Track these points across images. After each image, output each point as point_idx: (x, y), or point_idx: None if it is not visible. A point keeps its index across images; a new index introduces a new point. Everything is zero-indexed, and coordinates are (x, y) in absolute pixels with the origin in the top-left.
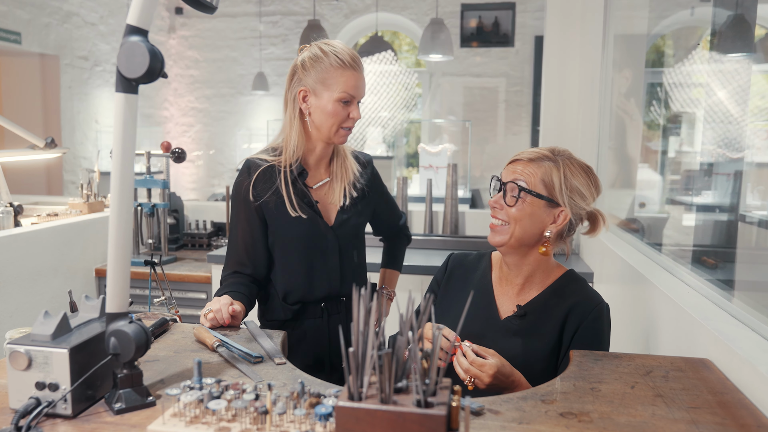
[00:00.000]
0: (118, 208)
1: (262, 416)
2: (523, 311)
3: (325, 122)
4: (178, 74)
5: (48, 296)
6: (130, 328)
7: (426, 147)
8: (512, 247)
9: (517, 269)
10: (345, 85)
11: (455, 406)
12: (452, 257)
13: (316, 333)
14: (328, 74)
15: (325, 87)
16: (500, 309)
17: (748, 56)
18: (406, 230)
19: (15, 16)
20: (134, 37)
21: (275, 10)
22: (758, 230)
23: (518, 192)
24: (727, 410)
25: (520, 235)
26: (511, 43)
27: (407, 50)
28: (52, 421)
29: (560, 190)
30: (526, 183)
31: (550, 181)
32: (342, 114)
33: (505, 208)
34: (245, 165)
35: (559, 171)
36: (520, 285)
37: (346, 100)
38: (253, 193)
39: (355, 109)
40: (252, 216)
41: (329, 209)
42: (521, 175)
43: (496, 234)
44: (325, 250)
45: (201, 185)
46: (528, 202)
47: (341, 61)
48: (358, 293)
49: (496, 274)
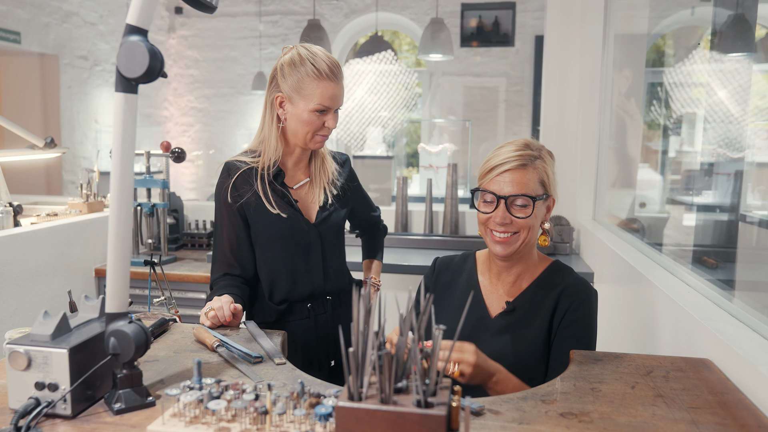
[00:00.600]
0: (117, 208)
1: (262, 416)
2: (513, 306)
3: (301, 130)
4: (178, 74)
5: (47, 296)
6: (130, 328)
7: (426, 147)
8: (519, 252)
9: (509, 270)
10: (321, 97)
11: (455, 407)
12: (438, 261)
13: (304, 333)
14: (304, 84)
15: (300, 96)
16: (490, 308)
17: (748, 56)
18: (381, 222)
19: (14, 15)
20: (134, 36)
21: (275, 9)
22: (759, 230)
23: (532, 204)
24: (728, 410)
25: (529, 240)
26: (512, 43)
27: (407, 50)
28: (52, 421)
29: (551, 182)
30: (531, 191)
31: (545, 179)
32: (317, 123)
33: (515, 220)
34: (225, 167)
35: (547, 166)
36: (511, 282)
37: (322, 110)
38: (233, 195)
39: (332, 119)
40: (235, 217)
41: (310, 208)
42: (523, 184)
43: (507, 246)
44: (308, 247)
45: (201, 185)
46: (536, 207)
47: (317, 71)
48: (358, 293)
49: (484, 274)
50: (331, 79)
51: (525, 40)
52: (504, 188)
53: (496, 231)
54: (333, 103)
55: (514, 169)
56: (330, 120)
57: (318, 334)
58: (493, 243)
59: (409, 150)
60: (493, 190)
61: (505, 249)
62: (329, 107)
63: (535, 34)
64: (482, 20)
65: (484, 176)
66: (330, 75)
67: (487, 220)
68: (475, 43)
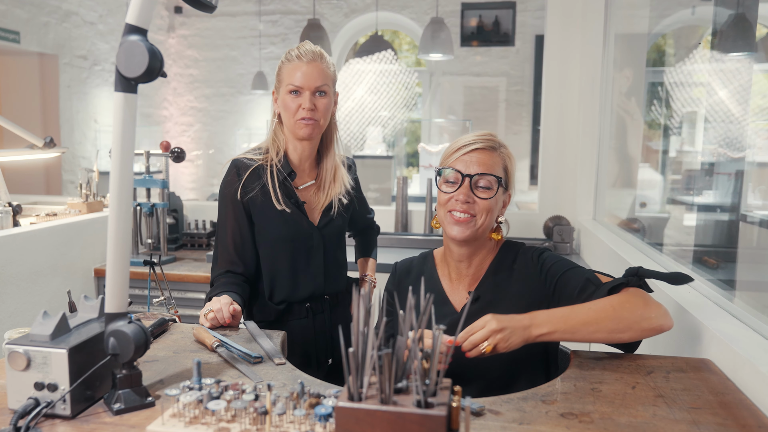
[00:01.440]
0: (117, 208)
1: (262, 417)
2: (476, 295)
3: (285, 116)
4: (178, 73)
5: (47, 296)
6: (130, 328)
7: (426, 146)
8: (474, 239)
9: (467, 261)
10: (290, 77)
11: (455, 407)
12: (398, 265)
13: (303, 332)
14: (281, 70)
15: (279, 83)
16: (454, 303)
17: (749, 55)
18: (374, 223)
19: (14, 15)
20: (133, 36)
21: (275, 9)
22: (759, 230)
23: (497, 184)
24: (729, 411)
25: (486, 225)
26: (512, 43)
27: (407, 49)
28: (51, 421)
29: (511, 176)
30: (496, 172)
31: (508, 167)
32: (292, 106)
33: (477, 201)
34: (233, 164)
35: (510, 157)
36: (471, 275)
37: (294, 91)
38: (242, 192)
39: (306, 100)
40: (240, 214)
41: (314, 210)
42: (489, 165)
43: (464, 228)
44: (310, 249)
45: (200, 185)
46: (497, 192)
47: (290, 55)
48: (358, 293)
49: (443, 271)
50: (300, 59)
51: (525, 40)
52: (470, 167)
53: (456, 210)
54: (303, 82)
55: (481, 149)
56: (305, 101)
57: (316, 334)
58: (451, 224)
59: (409, 150)
60: (459, 168)
61: (462, 231)
62: (300, 87)
63: (535, 33)
64: (482, 20)
65: (448, 156)
66: (300, 56)
67: (448, 200)
68: (476, 43)
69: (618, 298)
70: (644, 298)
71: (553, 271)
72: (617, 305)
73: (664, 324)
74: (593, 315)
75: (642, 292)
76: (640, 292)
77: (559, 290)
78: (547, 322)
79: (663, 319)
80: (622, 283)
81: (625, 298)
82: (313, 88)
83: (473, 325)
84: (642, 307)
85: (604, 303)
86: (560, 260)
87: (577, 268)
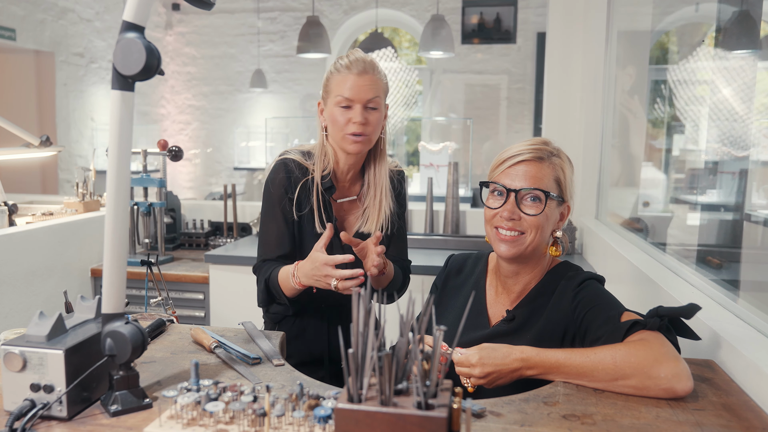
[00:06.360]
0: (114, 207)
1: (261, 418)
2: (512, 315)
3: (333, 130)
4: (175, 71)
5: (43, 297)
6: (127, 329)
7: (427, 145)
8: (524, 256)
9: (515, 277)
10: (339, 88)
11: (456, 408)
12: (451, 259)
13: (316, 329)
14: (329, 81)
15: (327, 95)
16: (491, 316)
17: (753, 53)
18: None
19: (9, 12)
20: (130, 33)
21: (273, 6)
22: (764, 230)
23: (545, 199)
24: (733, 412)
25: (537, 242)
26: (513, 40)
27: (407, 47)
28: (47, 423)
29: (567, 185)
30: (544, 186)
31: (561, 178)
32: (341, 120)
33: (524, 217)
34: (282, 164)
35: (565, 166)
36: (517, 292)
37: (344, 105)
38: (290, 200)
39: (357, 114)
40: (288, 220)
41: (349, 225)
42: (537, 178)
43: (511, 246)
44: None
45: (198, 184)
46: (548, 207)
47: (339, 65)
48: (358, 294)
49: (491, 280)
50: (350, 70)
51: (527, 37)
52: (515, 181)
53: (502, 228)
54: (353, 95)
55: (528, 161)
56: (356, 115)
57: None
58: (498, 242)
59: (409, 148)
60: (504, 182)
61: (509, 249)
62: (351, 99)
63: (537, 30)
64: (483, 17)
65: (495, 169)
66: (350, 65)
67: (493, 216)
68: (477, 40)
69: (624, 348)
70: (657, 351)
71: (583, 304)
72: (620, 357)
73: (675, 387)
74: (589, 365)
75: (659, 342)
76: (656, 342)
77: (584, 328)
78: (539, 365)
79: (674, 382)
80: (638, 322)
81: (633, 350)
82: (364, 101)
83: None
84: (651, 363)
85: (606, 353)
86: (596, 295)
87: (604, 305)
